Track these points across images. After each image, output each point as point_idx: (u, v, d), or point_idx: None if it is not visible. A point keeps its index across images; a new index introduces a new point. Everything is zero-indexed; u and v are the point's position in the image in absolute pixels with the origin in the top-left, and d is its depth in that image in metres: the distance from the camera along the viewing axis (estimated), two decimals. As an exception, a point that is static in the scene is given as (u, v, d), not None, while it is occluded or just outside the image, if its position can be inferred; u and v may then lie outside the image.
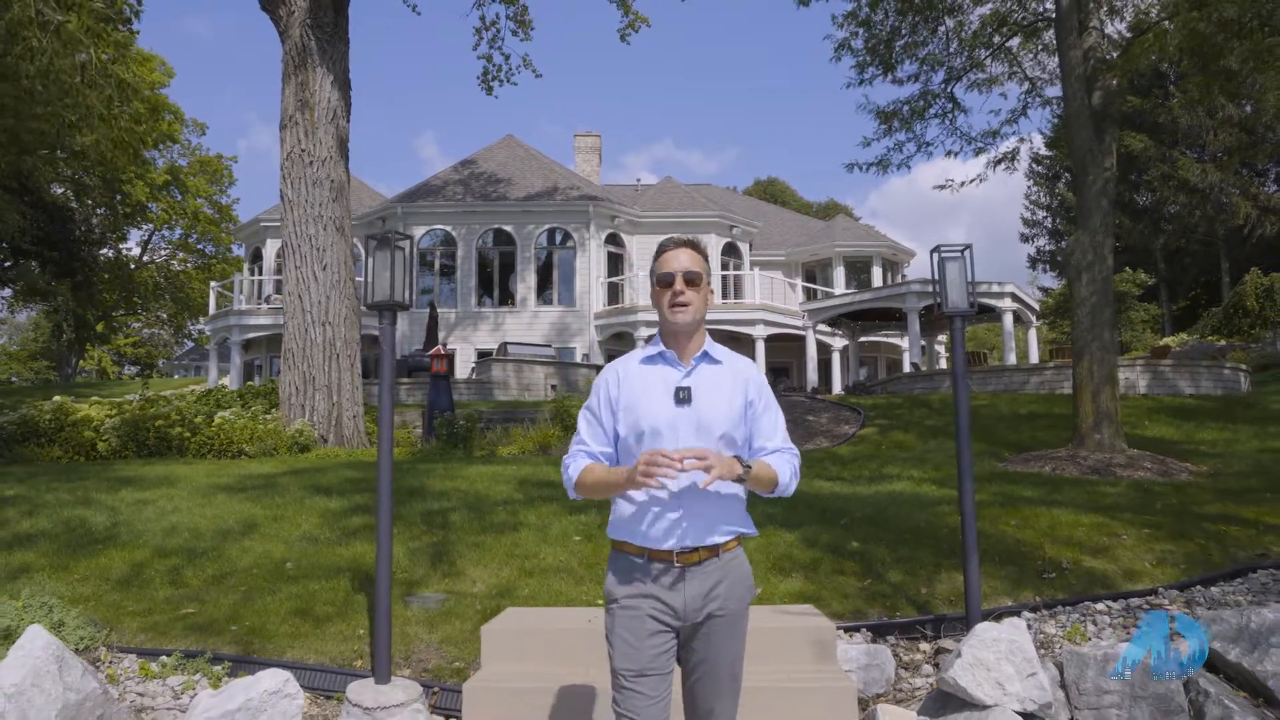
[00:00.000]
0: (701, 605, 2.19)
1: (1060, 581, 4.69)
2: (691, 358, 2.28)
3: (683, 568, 2.18)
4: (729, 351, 2.37)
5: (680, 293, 2.25)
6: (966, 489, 4.03)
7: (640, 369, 2.31)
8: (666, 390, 2.24)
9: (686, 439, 2.18)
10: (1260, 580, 4.73)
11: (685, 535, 2.18)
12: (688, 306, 2.24)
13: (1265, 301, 21.33)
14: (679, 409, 2.21)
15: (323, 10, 12.06)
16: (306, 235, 11.65)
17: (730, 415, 2.24)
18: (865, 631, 4.09)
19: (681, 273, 2.26)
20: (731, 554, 2.24)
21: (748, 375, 2.34)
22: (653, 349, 2.33)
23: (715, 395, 2.25)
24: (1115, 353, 8.66)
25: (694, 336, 2.30)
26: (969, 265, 4.14)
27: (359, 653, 4.07)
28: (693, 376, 2.26)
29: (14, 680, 3.08)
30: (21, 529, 5.96)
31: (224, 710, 2.88)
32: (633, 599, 2.20)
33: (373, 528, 5.85)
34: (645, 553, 2.20)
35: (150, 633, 4.31)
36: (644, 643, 2.17)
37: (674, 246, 2.32)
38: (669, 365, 2.29)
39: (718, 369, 2.30)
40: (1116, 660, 3.29)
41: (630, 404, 2.26)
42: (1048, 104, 10.80)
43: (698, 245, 2.36)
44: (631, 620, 2.19)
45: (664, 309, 2.28)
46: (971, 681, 3.07)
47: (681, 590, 2.18)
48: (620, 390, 2.30)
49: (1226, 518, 5.79)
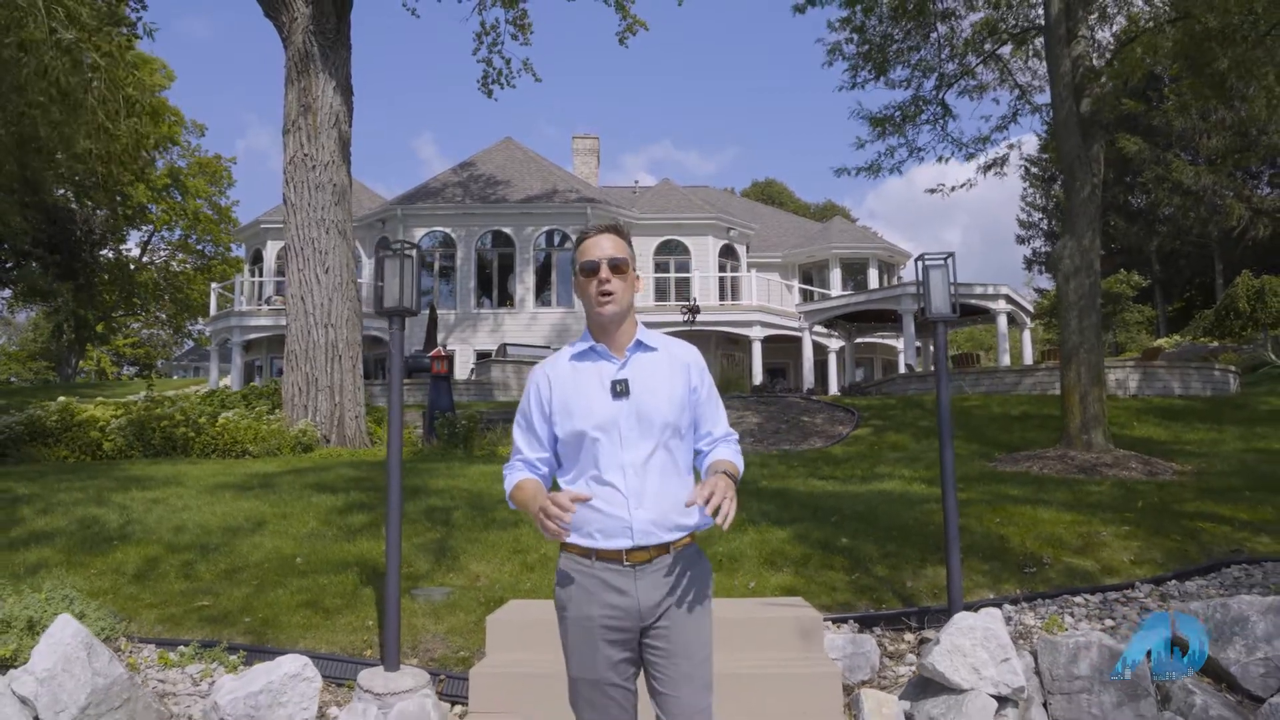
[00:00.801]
0: (657, 604, 2.08)
1: (1041, 576, 4.88)
2: (625, 348, 2.18)
3: (634, 567, 2.07)
4: (664, 336, 2.28)
5: (606, 280, 2.14)
6: (949, 486, 4.21)
7: (571, 366, 2.20)
8: (602, 385, 2.14)
9: (629, 434, 2.09)
10: (1233, 575, 4.92)
11: (634, 533, 2.06)
12: (613, 295, 2.15)
13: (1256, 303, 21.57)
14: (617, 403, 2.11)
15: (325, 17, 12.24)
16: (309, 238, 11.83)
17: (672, 403, 2.14)
18: (852, 623, 4.28)
19: (606, 260, 2.15)
20: (685, 550, 2.14)
21: (687, 359, 2.23)
22: (582, 344, 2.23)
23: (654, 384, 2.14)
24: (1102, 356, 8.86)
25: (624, 326, 2.20)
26: (952, 273, 4.33)
27: (368, 643, 4.25)
28: (628, 367, 2.16)
29: (46, 666, 3.26)
30: (37, 526, 6.13)
31: (247, 692, 3.06)
32: (583, 606, 2.09)
33: (376, 525, 6.04)
34: (592, 554, 2.10)
35: (167, 624, 4.49)
36: (599, 653, 2.07)
37: (595, 233, 2.22)
38: (602, 359, 2.18)
39: (654, 356, 2.20)
40: (1087, 648, 3.48)
41: (565, 404, 2.15)
42: (1037, 111, 11.00)
43: (620, 230, 2.27)
44: (582, 630, 2.09)
45: (590, 300, 2.17)
46: (949, 667, 3.26)
47: (634, 592, 2.07)
48: (553, 391, 2.19)
49: (1205, 515, 5.98)
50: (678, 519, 2.12)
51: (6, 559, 5.41)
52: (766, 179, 61.85)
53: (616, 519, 2.07)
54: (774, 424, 12.83)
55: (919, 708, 3.34)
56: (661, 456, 2.12)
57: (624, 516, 2.07)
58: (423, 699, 3.40)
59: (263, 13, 12.72)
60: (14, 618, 4.12)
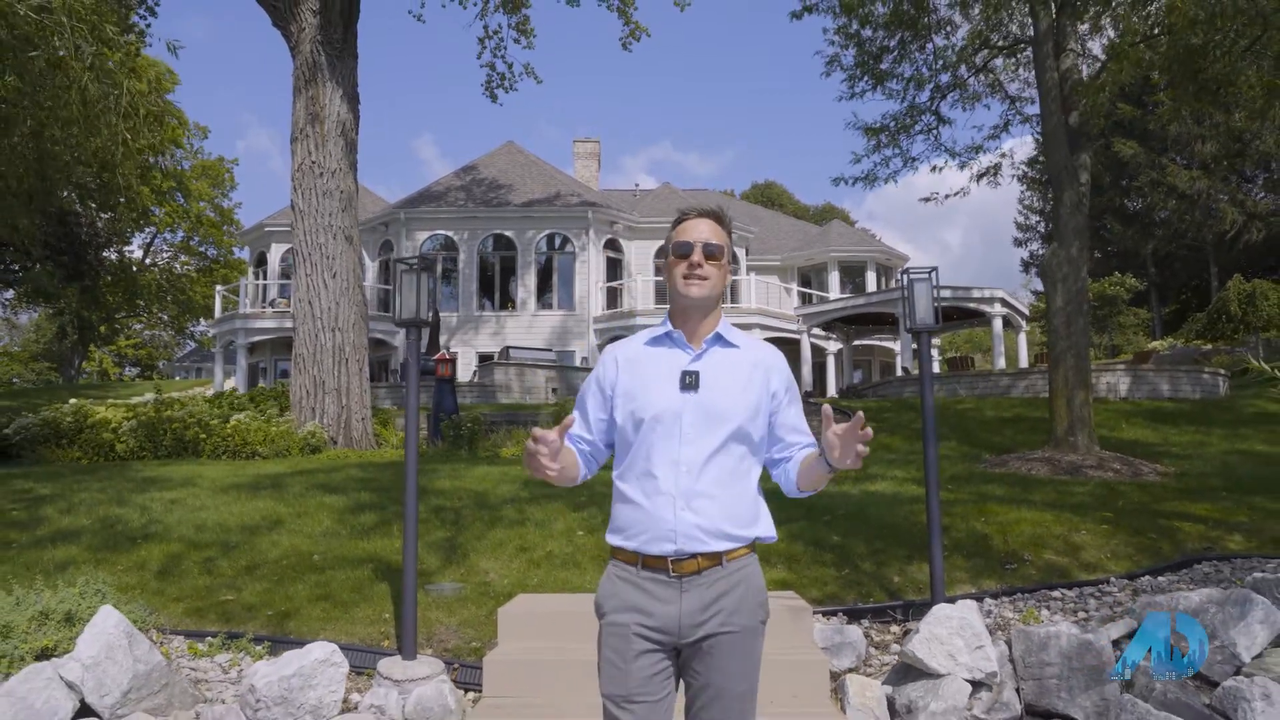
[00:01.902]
0: (700, 622, 1.92)
1: (1021, 571, 5.14)
2: (703, 339, 2.05)
3: (680, 578, 1.93)
4: (748, 336, 2.13)
5: (698, 265, 2.01)
6: (932, 486, 4.48)
7: (644, 350, 2.08)
8: (671, 374, 2.00)
9: (691, 429, 1.95)
10: (1203, 571, 5.19)
11: (682, 539, 1.92)
12: (705, 281, 2.01)
13: (1247, 307, 21.86)
14: (684, 395, 1.97)
15: (332, 27, 12.50)
16: (317, 244, 12.09)
17: (745, 406, 1.99)
18: (841, 615, 4.54)
19: (701, 244, 2.02)
20: (739, 563, 1.98)
21: (770, 363, 2.08)
22: (659, 329, 2.10)
23: (728, 382, 2.00)
24: (1088, 360, 9.13)
25: (707, 316, 2.06)
26: (935, 285, 4.60)
27: (385, 634, 4.51)
28: (703, 360, 2.02)
29: (91, 653, 3.52)
30: (61, 525, 6.39)
31: (280, 675, 3.32)
32: (620, 613, 1.95)
33: (387, 524, 6.30)
34: (639, 560, 1.96)
35: (193, 617, 4.75)
36: (631, 665, 1.91)
37: (695, 216, 2.08)
38: (676, 347, 2.06)
39: (733, 353, 2.06)
40: (1057, 637, 3.74)
41: (630, 389, 2.03)
42: (1027, 121, 11.28)
43: (721, 217, 2.11)
44: (617, 638, 1.95)
45: (677, 281, 2.04)
46: (927, 653, 3.52)
47: (676, 604, 1.92)
48: (619, 373, 2.07)
49: (1181, 515, 6.25)
50: (731, 528, 1.96)
51: (35, 556, 5.68)
52: (766, 181, 62.17)
53: (659, 520, 1.93)
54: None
55: (900, 691, 3.61)
56: (723, 459, 1.96)
57: (668, 518, 1.92)
58: (439, 684, 3.66)
59: (271, 22, 12.99)
60: (51, 611, 4.38)
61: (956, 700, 3.43)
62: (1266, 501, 6.63)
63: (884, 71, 12.02)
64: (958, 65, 10.89)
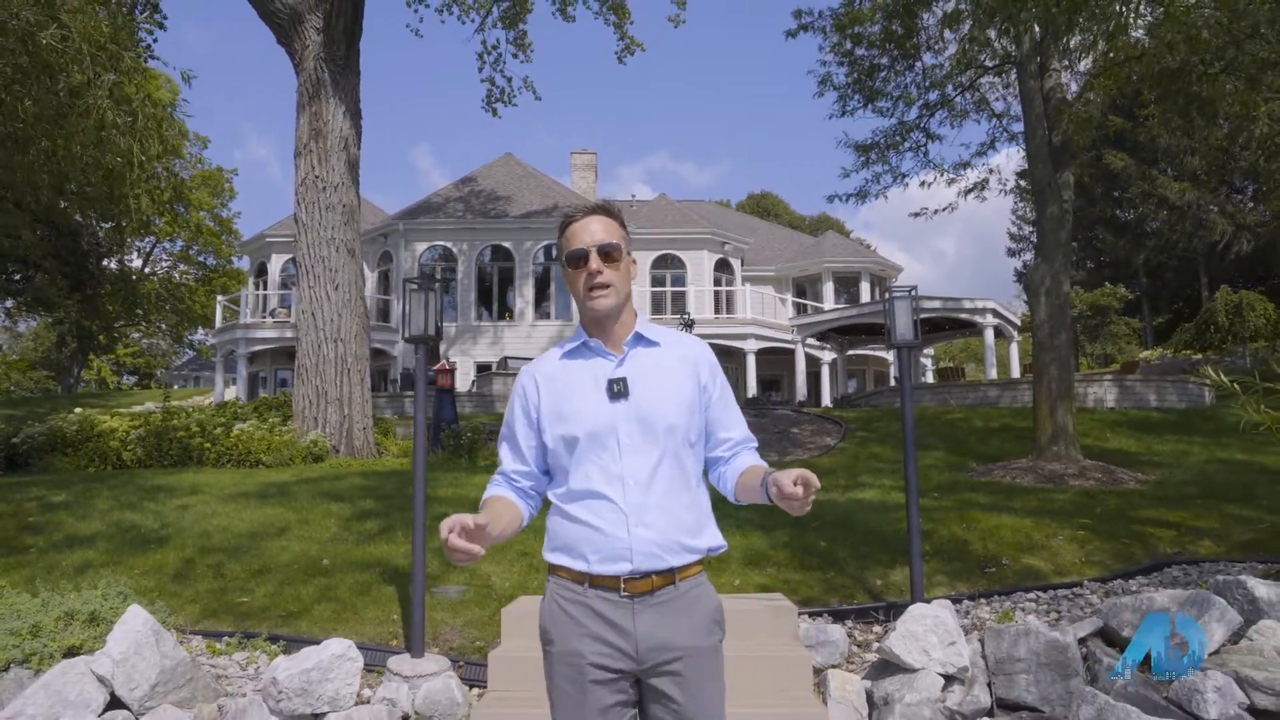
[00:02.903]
0: (658, 644, 1.80)
1: (998, 575, 5.40)
2: (623, 343, 1.92)
3: (632, 598, 1.81)
4: (668, 330, 2.01)
5: (597, 272, 1.88)
6: (911, 493, 4.73)
7: (563, 365, 1.95)
8: (597, 385, 1.88)
9: (629, 440, 1.83)
10: (1172, 574, 5.45)
11: (634, 555, 1.79)
12: (608, 289, 1.88)
13: (1234, 317, 22.19)
14: (615, 405, 1.85)
15: (335, 45, 12.79)
16: (320, 257, 12.34)
17: (679, 405, 1.88)
18: (825, 615, 4.79)
19: (595, 247, 1.88)
20: (692, 581, 1.87)
21: (696, 356, 1.97)
22: (574, 341, 1.98)
23: (657, 383, 1.88)
24: (1071, 371, 9.40)
25: (621, 319, 1.93)
26: (914, 303, 4.86)
27: (393, 634, 4.74)
28: (627, 364, 1.90)
29: (121, 649, 3.76)
30: (77, 531, 6.62)
31: (300, 669, 3.56)
32: (571, 641, 1.83)
33: (391, 530, 6.54)
34: (586, 579, 1.83)
35: (209, 618, 4.98)
36: (588, 696, 1.80)
37: (582, 215, 1.94)
38: (596, 355, 1.93)
39: (656, 352, 1.94)
40: (1026, 635, 3.99)
41: (555, 409, 1.90)
42: (1014, 139, 11.58)
43: (610, 209, 1.97)
44: (569, 668, 1.82)
45: (580, 294, 1.91)
46: (903, 649, 3.77)
47: (630, 627, 1.80)
48: (541, 394, 1.94)
49: (1155, 521, 6.51)
50: (685, 540, 1.84)
51: (54, 560, 5.91)
52: (762, 191, 62.62)
53: (614, 539, 1.80)
54: (764, 435, 13.34)
55: (878, 685, 3.85)
56: (669, 467, 1.86)
57: (622, 536, 1.80)
58: (447, 680, 3.90)
59: (275, 40, 13.29)
60: (76, 612, 4.61)
61: (930, 693, 3.67)
62: (1238, 509, 6.89)
63: (875, 89, 12.35)
64: (944, 84, 11.19)
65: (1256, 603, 4.25)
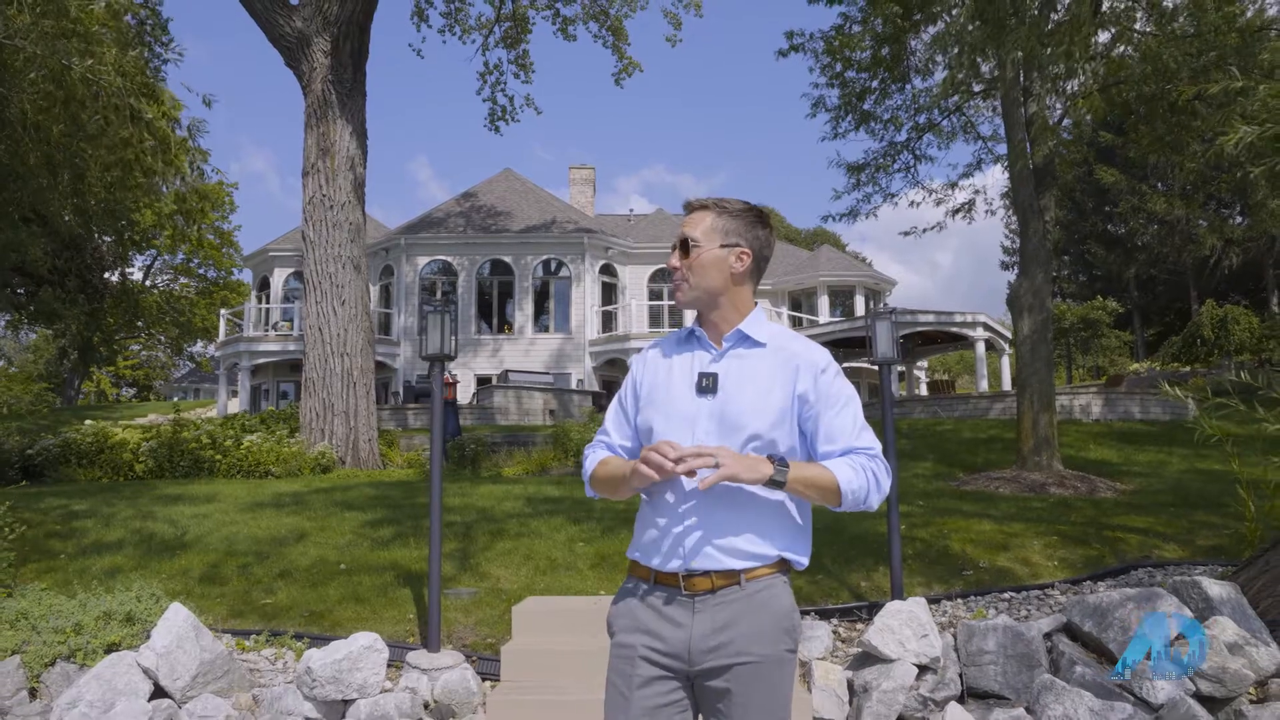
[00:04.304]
0: (712, 648, 1.75)
1: (975, 577, 5.75)
2: (724, 338, 1.88)
3: (692, 597, 1.77)
4: (781, 330, 1.93)
5: (675, 268, 1.89)
6: (891, 500, 5.09)
7: (671, 350, 1.95)
8: (689, 377, 1.86)
9: (706, 436, 1.79)
10: (1138, 576, 5.80)
11: (691, 554, 1.77)
12: (681, 283, 1.88)
13: (1220, 331, 22.65)
14: (699, 399, 1.82)
15: (343, 67, 13.21)
16: (327, 273, 12.72)
17: (765, 411, 1.80)
18: (813, 614, 5.14)
19: (676, 242, 1.91)
20: (760, 584, 1.79)
21: (799, 361, 1.85)
22: (687, 327, 1.97)
23: (748, 385, 1.82)
24: (1053, 385, 9.78)
25: (721, 311, 1.89)
26: (895, 324, 5.24)
27: (409, 632, 5.09)
28: (724, 360, 1.86)
29: (164, 643, 4.10)
30: (102, 538, 6.95)
31: (332, 659, 3.90)
32: (627, 634, 1.82)
33: (403, 536, 6.89)
34: (652, 575, 1.83)
35: (236, 618, 5.32)
36: (635, 692, 1.77)
37: (686, 212, 1.96)
38: (700, 347, 1.91)
39: (757, 352, 1.86)
40: (995, 629, 4.34)
41: (650, 392, 1.90)
42: (999, 161, 12.00)
43: (706, 204, 1.92)
44: (622, 661, 1.82)
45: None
46: (881, 642, 4.13)
47: (688, 626, 1.76)
48: (645, 374, 1.94)
49: (1127, 527, 6.87)
50: (749, 545, 1.79)
51: (83, 565, 6.24)
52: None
53: (670, 536, 1.79)
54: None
55: (858, 675, 4.20)
56: None
57: (679, 532, 1.78)
58: (463, 672, 4.25)
59: (284, 63, 13.71)
60: (113, 612, 4.96)
61: (904, 680, 4.02)
62: (1206, 515, 7.26)
63: (866, 112, 12.78)
64: (931, 108, 11.63)
65: (1210, 600, 4.60)
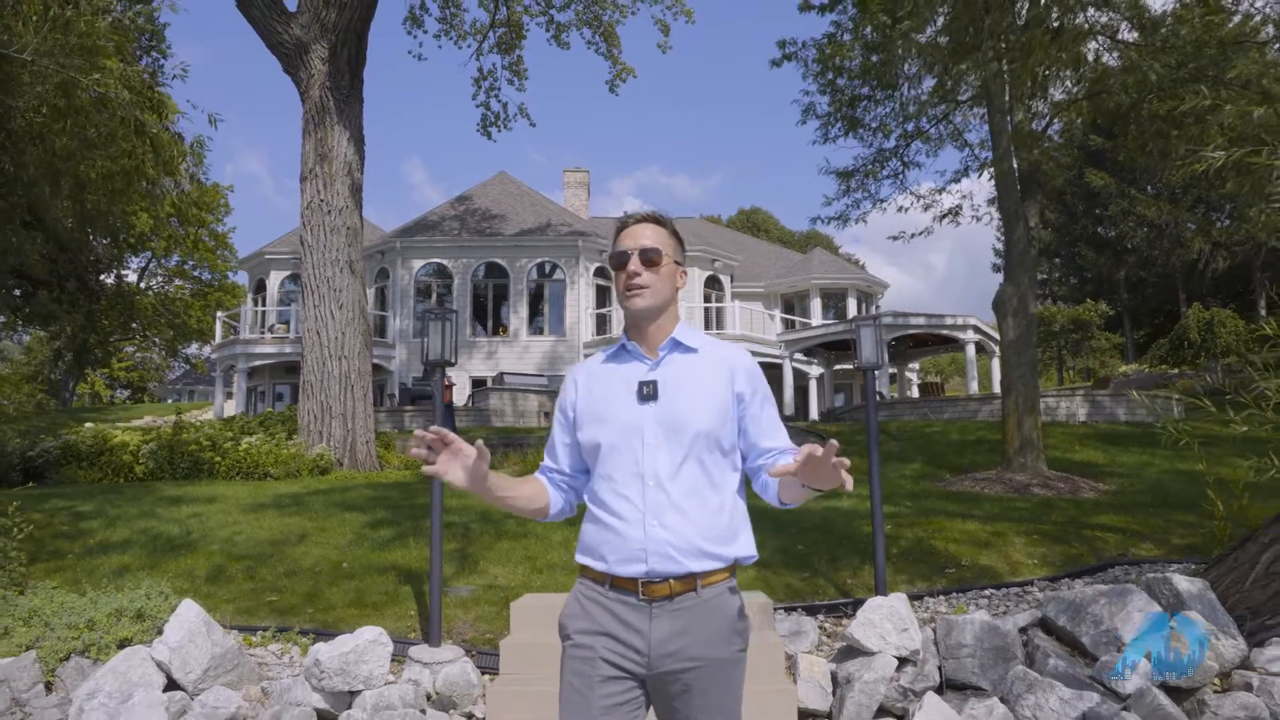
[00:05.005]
0: (671, 651, 1.81)
1: (957, 574, 5.96)
2: (659, 347, 1.98)
3: (649, 602, 1.83)
4: (708, 337, 2.05)
5: (635, 274, 1.94)
6: (875, 500, 5.30)
7: (603, 368, 2.01)
8: (629, 387, 1.93)
9: (654, 440, 1.87)
10: (1114, 574, 6.01)
11: (654, 558, 1.82)
12: (645, 290, 1.94)
13: (1206, 334, 22.95)
14: (644, 407, 1.89)
15: (340, 74, 13.38)
16: (325, 277, 12.88)
17: (710, 411, 1.89)
18: (800, 610, 5.33)
19: (637, 250, 1.96)
20: (714, 590, 1.85)
21: (734, 363, 1.97)
22: (616, 345, 2.04)
23: (689, 388, 1.91)
24: (1036, 387, 10.00)
25: (659, 322, 1.98)
26: (880, 331, 5.45)
27: (411, 628, 5.27)
28: (660, 368, 1.95)
29: (177, 638, 4.28)
30: (108, 538, 7.11)
31: (340, 652, 4.08)
32: (585, 636, 1.87)
33: (403, 537, 7.06)
34: (607, 579, 1.88)
35: (243, 615, 5.49)
36: (594, 691, 1.81)
37: (634, 222, 2.02)
38: (633, 359, 1.98)
39: (693, 358, 1.97)
40: (972, 624, 4.54)
41: (589, 408, 1.96)
42: (985, 168, 12.23)
43: (661, 219, 2.04)
44: (581, 662, 1.85)
45: (620, 293, 1.98)
46: (863, 635, 4.33)
47: (646, 630, 1.82)
48: (579, 394, 2.01)
49: (1105, 527, 7.09)
50: (707, 546, 1.84)
51: (91, 564, 6.41)
52: (752, 207, 63.55)
53: (630, 540, 1.84)
54: (752, 448, 13.89)
55: (841, 667, 4.40)
56: (692, 469, 1.87)
57: (638, 536, 1.83)
58: (463, 664, 4.44)
59: (282, 69, 13.86)
60: (124, 609, 5.13)
61: (885, 672, 4.22)
62: (1184, 515, 7.49)
63: (856, 119, 13.00)
64: (919, 116, 11.85)
65: (1180, 596, 4.81)
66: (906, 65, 12.67)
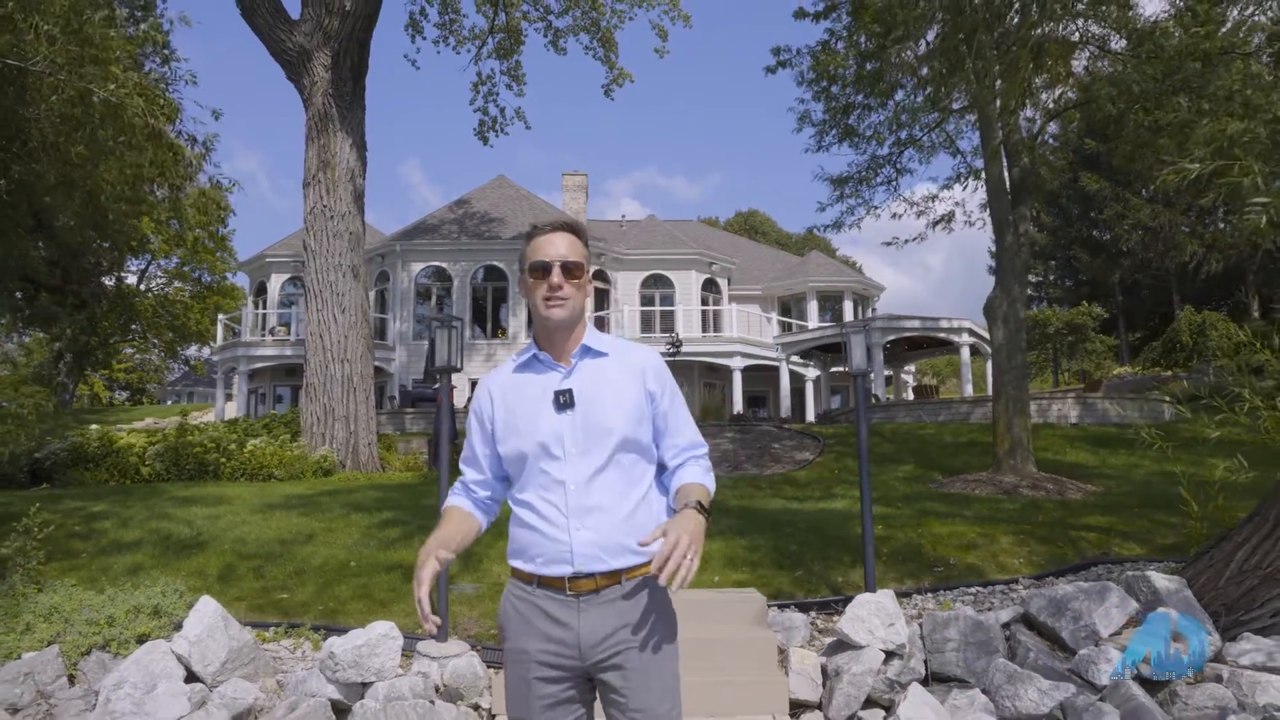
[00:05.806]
0: (603, 643, 1.90)
1: (945, 573, 6.16)
2: (571, 355, 2.02)
3: (577, 597, 1.90)
4: (616, 340, 2.10)
5: (558, 286, 1.98)
6: (865, 499, 5.50)
7: (515, 378, 2.06)
8: (545, 397, 1.97)
9: (574, 448, 1.93)
10: (1097, 572, 6.22)
11: (580, 559, 1.89)
12: (566, 301, 1.98)
13: (1198, 336, 23.18)
14: (562, 416, 1.94)
15: (343, 82, 13.58)
16: (328, 282, 13.08)
17: (624, 414, 1.96)
18: (793, 607, 5.54)
19: (559, 261, 1.98)
20: (638, 581, 1.93)
21: (643, 364, 2.04)
22: (526, 354, 2.08)
23: (604, 393, 1.97)
24: (1026, 391, 10.22)
25: (572, 332, 2.03)
26: (869, 337, 5.65)
27: (418, 625, 5.46)
28: (574, 376, 2.00)
29: (196, 632, 4.47)
30: (120, 538, 7.30)
31: (353, 645, 4.28)
32: (520, 639, 1.95)
33: (409, 537, 7.25)
34: (534, 580, 1.95)
35: (254, 612, 5.68)
36: (533, 690, 1.91)
37: (549, 230, 2.04)
38: (546, 368, 2.03)
39: (603, 363, 2.03)
40: (956, 619, 4.75)
41: (508, 423, 2.01)
42: (977, 176, 12.45)
43: (577, 228, 2.07)
44: (518, 665, 1.96)
45: (538, 303, 2.01)
46: (852, 630, 4.53)
47: (575, 624, 1.90)
48: (495, 407, 2.05)
49: (1090, 527, 7.30)
50: (630, 544, 1.91)
51: (105, 563, 6.59)
52: (749, 209, 63.80)
53: (556, 542, 1.90)
54: (746, 450, 14.11)
55: (831, 660, 4.61)
56: (613, 473, 1.95)
57: (564, 539, 1.90)
58: (470, 658, 4.63)
59: (285, 76, 14.06)
60: (141, 606, 5.32)
61: (872, 665, 4.42)
62: (1167, 515, 7.70)
63: (851, 127, 13.21)
64: (912, 124, 12.07)
65: (1158, 593, 5.02)
66: (900, 76, 12.90)
